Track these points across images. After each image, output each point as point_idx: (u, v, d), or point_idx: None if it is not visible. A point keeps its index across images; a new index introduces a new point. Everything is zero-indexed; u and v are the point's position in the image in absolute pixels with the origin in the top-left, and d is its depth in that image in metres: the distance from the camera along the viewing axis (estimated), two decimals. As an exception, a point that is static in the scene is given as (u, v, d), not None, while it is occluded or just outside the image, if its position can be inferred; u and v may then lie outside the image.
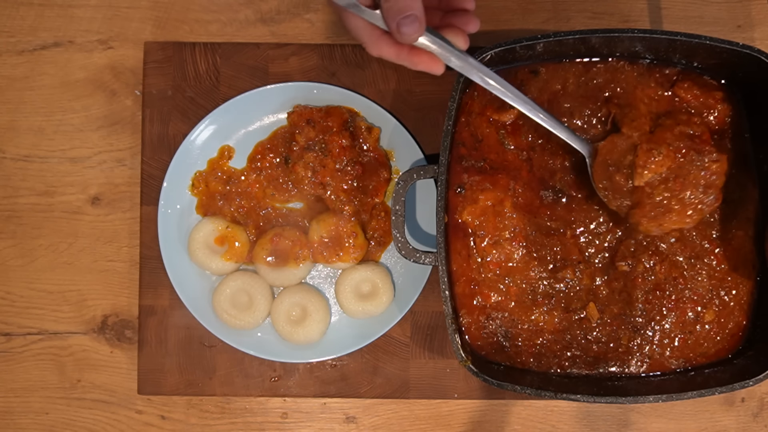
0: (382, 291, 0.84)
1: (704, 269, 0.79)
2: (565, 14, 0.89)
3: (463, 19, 0.63)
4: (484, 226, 0.78)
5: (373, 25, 0.60)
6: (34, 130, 0.89)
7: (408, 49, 0.61)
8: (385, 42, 0.61)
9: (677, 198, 0.71)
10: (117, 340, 0.88)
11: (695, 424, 0.87)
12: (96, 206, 0.89)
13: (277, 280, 0.84)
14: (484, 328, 0.79)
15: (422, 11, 0.57)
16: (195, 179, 0.86)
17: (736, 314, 0.79)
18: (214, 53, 0.88)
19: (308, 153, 0.83)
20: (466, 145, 0.79)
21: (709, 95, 0.78)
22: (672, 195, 0.71)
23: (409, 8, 0.57)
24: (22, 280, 0.88)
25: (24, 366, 0.88)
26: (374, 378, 0.86)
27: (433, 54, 0.61)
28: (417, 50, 0.61)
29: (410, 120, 0.86)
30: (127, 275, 0.88)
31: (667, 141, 0.72)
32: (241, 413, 0.88)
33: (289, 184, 0.86)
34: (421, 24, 0.58)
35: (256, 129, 0.87)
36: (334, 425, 0.88)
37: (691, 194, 0.71)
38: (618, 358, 0.79)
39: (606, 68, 0.79)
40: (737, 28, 0.89)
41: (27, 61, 0.89)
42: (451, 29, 0.62)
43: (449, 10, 0.64)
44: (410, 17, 0.57)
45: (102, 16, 0.89)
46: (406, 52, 0.61)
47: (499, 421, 0.87)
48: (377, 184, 0.85)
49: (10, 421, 0.88)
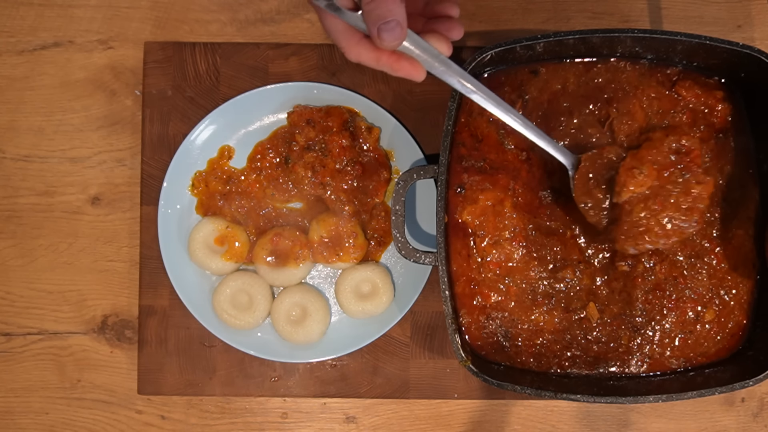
0: (382, 291, 0.84)
1: (704, 268, 0.79)
2: (565, 14, 0.89)
3: (447, 26, 0.61)
4: (484, 225, 0.78)
5: (353, 28, 0.58)
6: (34, 130, 0.89)
7: (388, 54, 0.59)
8: (365, 47, 0.58)
9: (656, 219, 0.69)
10: (117, 340, 0.88)
11: (695, 424, 0.87)
12: (96, 206, 0.89)
13: (277, 280, 0.84)
14: (484, 328, 0.79)
15: (404, 17, 0.55)
16: (195, 179, 0.86)
17: (737, 314, 0.79)
18: (214, 53, 0.88)
19: (308, 153, 0.83)
20: (466, 145, 0.79)
21: (710, 95, 0.79)
22: (651, 215, 0.69)
23: (390, 14, 0.55)
24: (22, 280, 0.88)
25: (24, 366, 0.88)
26: (374, 378, 0.86)
27: (414, 60, 0.59)
28: (398, 56, 0.59)
29: (410, 120, 0.86)
30: (127, 275, 0.88)
31: (652, 159, 0.70)
32: (241, 413, 0.88)
33: (289, 184, 0.86)
34: (403, 30, 0.55)
35: (256, 129, 0.87)
36: (334, 425, 0.88)
37: (671, 216, 0.69)
38: (618, 358, 0.79)
39: (606, 68, 0.79)
40: (737, 28, 0.89)
41: (27, 61, 0.89)
42: (435, 35, 0.60)
43: (432, 17, 0.62)
44: (392, 23, 0.55)
45: (102, 16, 0.89)
46: (387, 58, 0.59)
47: (499, 421, 0.87)
48: (377, 184, 0.85)
49: (10, 421, 0.88)
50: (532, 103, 0.79)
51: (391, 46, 0.56)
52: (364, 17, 0.56)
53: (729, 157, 0.79)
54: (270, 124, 0.87)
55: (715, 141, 0.79)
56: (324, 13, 0.58)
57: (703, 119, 0.79)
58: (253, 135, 0.87)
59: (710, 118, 0.79)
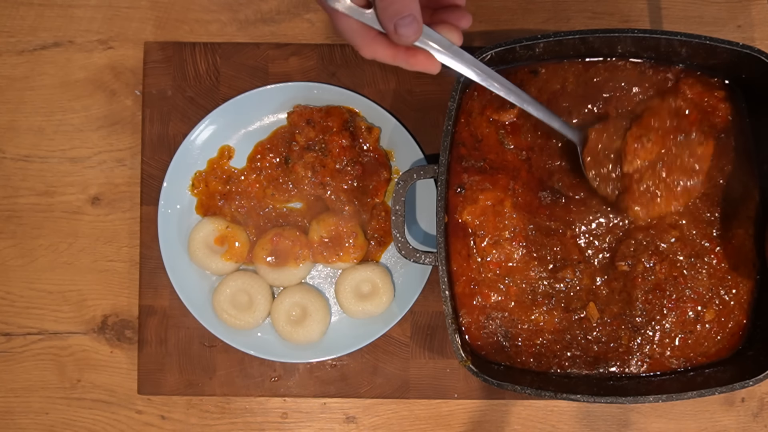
0: (382, 291, 0.84)
1: (704, 268, 0.79)
2: (565, 14, 0.89)
3: (455, 15, 0.61)
4: (484, 225, 0.78)
5: (367, 26, 0.57)
6: (34, 130, 0.89)
7: (404, 50, 0.59)
8: (380, 44, 0.58)
9: (665, 182, 0.72)
10: (117, 340, 0.88)
11: (695, 424, 0.87)
12: (96, 206, 0.89)
13: (277, 280, 0.84)
14: (484, 328, 0.79)
15: (419, 11, 0.55)
16: (195, 179, 0.86)
17: (737, 313, 0.79)
18: (214, 53, 0.88)
19: (308, 153, 0.83)
20: (466, 145, 0.79)
21: (712, 94, 0.79)
22: (660, 180, 0.72)
23: (406, 8, 0.55)
24: (22, 280, 0.88)
25: (24, 366, 0.88)
26: (374, 378, 0.86)
27: (428, 53, 0.59)
28: (413, 50, 0.59)
29: (410, 120, 0.86)
30: (127, 275, 0.88)
31: (655, 125, 0.72)
32: (241, 413, 0.88)
33: (289, 184, 0.86)
34: (420, 24, 0.56)
35: (256, 129, 0.87)
36: (334, 425, 0.88)
37: (677, 179, 0.72)
38: (618, 357, 0.79)
39: (606, 68, 0.79)
40: (737, 28, 0.89)
41: (27, 61, 0.89)
42: (445, 25, 0.60)
43: (439, 7, 0.63)
44: (408, 18, 0.55)
45: (102, 16, 0.89)
46: (403, 53, 0.59)
47: (499, 421, 0.87)
48: (377, 184, 0.85)
49: (10, 421, 0.88)
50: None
51: (408, 42, 0.57)
52: (378, 15, 0.56)
53: (730, 156, 0.79)
54: (270, 124, 0.87)
55: (718, 141, 0.79)
56: (336, 13, 0.57)
57: (706, 119, 0.79)
58: (253, 135, 0.87)
59: (713, 118, 0.79)
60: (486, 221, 0.78)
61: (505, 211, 0.78)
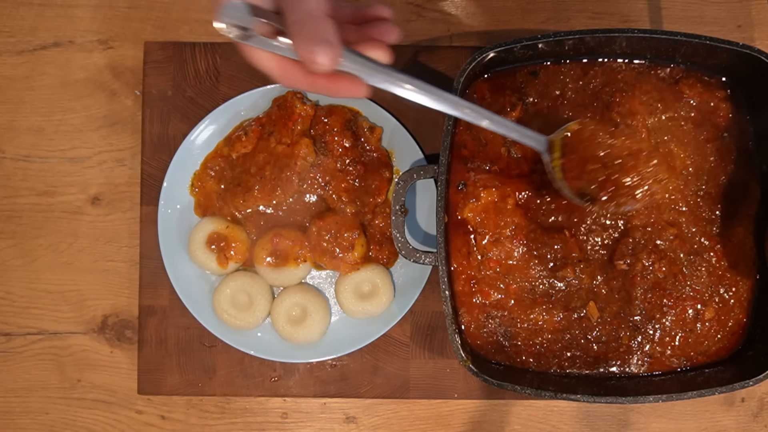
0: (382, 291, 0.84)
1: (704, 266, 0.79)
2: (565, 14, 0.89)
3: (381, 30, 0.55)
4: (484, 223, 0.78)
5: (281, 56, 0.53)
6: (34, 130, 0.89)
7: (322, 76, 0.53)
8: (298, 72, 0.53)
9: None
10: (117, 340, 0.88)
11: (695, 424, 0.87)
12: (96, 206, 0.89)
13: (277, 280, 0.84)
14: (483, 327, 0.79)
15: (335, 34, 0.50)
16: (195, 179, 0.86)
17: (737, 312, 0.79)
18: (214, 53, 0.88)
19: (306, 138, 0.82)
20: (467, 146, 0.79)
21: (712, 94, 0.79)
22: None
23: (319, 33, 0.50)
24: (22, 280, 0.88)
25: (24, 366, 0.88)
26: (374, 378, 0.86)
27: (353, 76, 0.54)
28: (335, 76, 0.53)
29: (410, 120, 0.86)
30: (127, 275, 0.88)
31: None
32: (241, 413, 0.87)
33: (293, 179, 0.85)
34: (336, 49, 0.50)
35: (256, 129, 0.87)
36: (334, 425, 0.88)
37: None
38: (618, 357, 0.79)
39: (606, 68, 0.79)
40: (737, 28, 0.90)
41: (27, 61, 0.89)
42: (370, 43, 0.54)
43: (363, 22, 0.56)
44: (323, 44, 0.50)
45: (102, 16, 0.89)
46: (322, 80, 0.53)
47: (499, 421, 0.87)
48: (380, 183, 0.85)
49: (10, 421, 0.88)
50: (533, 109, 0.79)
51: (325, 69, 0.51)
52: (291, 43, 0.51)
53: (731, 156, 0.79)
54: (270, 124, 0.87)
55: (721, 141, 0.79)
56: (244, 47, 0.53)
57: (708, 119, 0.79)
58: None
59: (714, 119, 0.79)
60: (487, 219, 0.78)
61: (507, 208, 0.78)
